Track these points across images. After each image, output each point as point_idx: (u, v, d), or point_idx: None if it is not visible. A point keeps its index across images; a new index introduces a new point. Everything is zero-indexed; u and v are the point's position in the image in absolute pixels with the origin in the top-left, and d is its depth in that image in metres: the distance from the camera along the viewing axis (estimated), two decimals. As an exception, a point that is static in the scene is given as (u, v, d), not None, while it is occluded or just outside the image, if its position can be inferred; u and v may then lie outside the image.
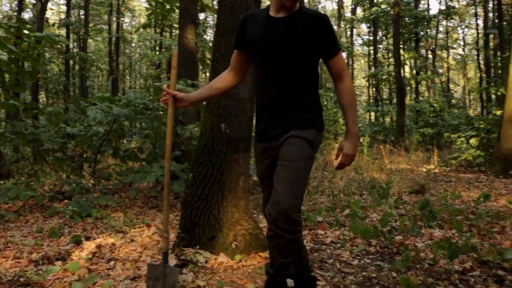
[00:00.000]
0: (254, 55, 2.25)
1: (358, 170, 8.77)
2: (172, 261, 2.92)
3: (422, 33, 23.44)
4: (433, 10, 63.96)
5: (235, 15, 3.23)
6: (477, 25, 30.48)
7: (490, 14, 24.45)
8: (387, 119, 26.54)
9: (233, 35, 3.20)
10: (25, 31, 5.95)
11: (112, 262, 3.15)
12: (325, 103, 16.79)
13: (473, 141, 10.24)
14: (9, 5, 36.73)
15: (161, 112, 6.34)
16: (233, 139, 3.12)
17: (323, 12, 2.19)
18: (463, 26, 36.76)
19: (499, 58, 15.28)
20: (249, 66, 2.40)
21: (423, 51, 27.52)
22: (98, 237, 4.01)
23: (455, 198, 5.73)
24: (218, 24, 3.40)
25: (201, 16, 20.05)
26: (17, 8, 22.20)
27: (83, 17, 27.63)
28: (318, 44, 2.15)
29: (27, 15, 29.56)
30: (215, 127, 3.15)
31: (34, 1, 27.24)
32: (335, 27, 40.84)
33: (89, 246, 3.69)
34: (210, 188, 3.10)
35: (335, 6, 42.94)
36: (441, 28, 32.88)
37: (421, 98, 24.70)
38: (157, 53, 23.01)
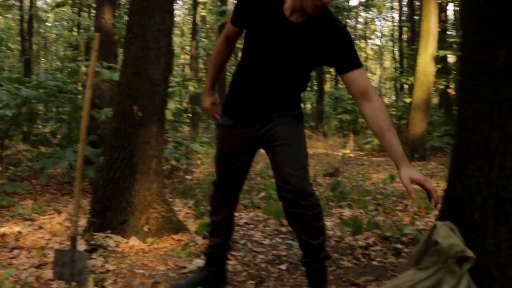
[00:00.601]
0: (253, 42, 2.05)
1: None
2: (82, 246, 2.84)
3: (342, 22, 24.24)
4: (353, 1, 66.36)
5: (148, -5, 3.15)
6: (393, 17, 32.15)
7: (405, 8, 25.84)
8: (308, 105, 27.32)
9: (146, 15, 3.15)
10: None
11: (16, 251, 3.00)
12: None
13: (385, 127, 10.84)
14: None
15: (78, 96, 6.07)
16: (145, 122, 3.07)
17: (340, 22, 1.97)
18: (380, 18, 38.60)
19: (410, 51, 16.26)
20: None
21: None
22: (3, 226, 3.80)
23: (365, 179, 6.07)
24: (132, 3, 3.30)
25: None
26: None
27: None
28: (334, 57, 1.95)
29: None
30: (127, 109, 3.08)
31: None
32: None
33: (-8, 235, 3.48)
34: (122, 171, 3.04)
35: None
36: (360, 19, 34.28)
37: (340, 86, 25.65)
38: (75, 34, 21.88)
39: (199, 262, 2.64)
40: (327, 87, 27.21)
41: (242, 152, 2.18)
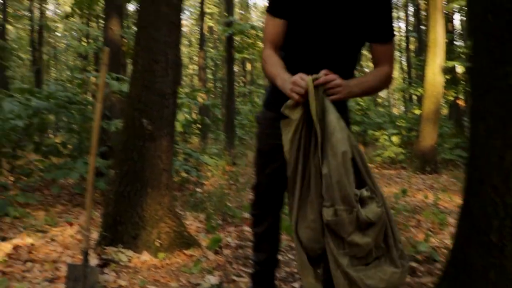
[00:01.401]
0: (299, 26, 1.87)
1: (287, 166, 8.96)
2: (93, 260, 2.85)
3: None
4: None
5: (156, 7, 3.18)
6: (400, 28, 32.13)
7: (411, 18, 25.86)
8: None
9: (153, 28, 3.17)
10: None
11: (29, 264, 3.02)
12: (256, 99, 16.95)
13: (394, 138, 10.83)
14: None
15: (87, 107, 6.13)
16: (155, 135, 3.09)
17: None
18: (388, 28, 38.48)
19: (417, 62, 16.23)
20: None
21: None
22: (15, 237, 3.82)
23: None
24: (139, 16, 3.34)
25: (131, 7, 19.51)
26: None
27: (1, 1, 25.93)
28: (372, 25, 1.85)
29: None
30: (137, 122, 3.10)
31: None
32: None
33: (5, 247, 3.50)
34: (132, 185, 3.06)
35: (267, 4, 43.39)
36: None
37: (348, 96, 25.57)
38: (84, 44, 22.10)
39: (211, 278, 2.63)
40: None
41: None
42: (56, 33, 36.08)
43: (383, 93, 39.46)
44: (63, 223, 4.34)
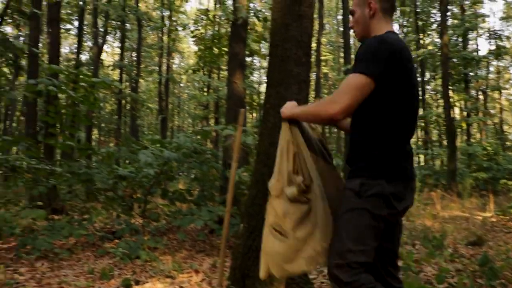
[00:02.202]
0: (401, 96, 2.01)
1: (409, 217, 8.48)
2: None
3: (471, 74, 22.95)
4: (483, 51, 62.70)
5: (285, 67, 3.27)
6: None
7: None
8: (438, 162, 25.76)
9: (283, 86, 3.24)
10: (83, 77, 6.28)
11: (161, 310, 3.15)
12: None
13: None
14: (68, 48, 39.07)
15: (211, 156, 6.45)
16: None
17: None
18: (515, 66, 35.69)
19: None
20: None
21: (473, 92, 26.85)
22: (147, 281, 4.05)
23: (516, 252, 5.39)
24: (268, 75, 3.45)
25: (248, 58, 20.57)
26: (75, 50, 23.59)
27: (135, 59, 28.92)
28: None
29: (84, 57, 31.31)
30: (266, 178, 3.14)
31: (91, 44, 28.86)
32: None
33: (139, 291, 3.72)
34: (260, 240, 3.06)
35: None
36: (491, 68, 32.10)
37: (472, 141, 23.91)
38: (205, 94, 23.62)
39: None
40: (458, 142, 25.53)
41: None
42: (180, 84, 39.20)
43: (512, 136, 36.21)
44: (189, 270, 4.51)
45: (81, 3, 20.41)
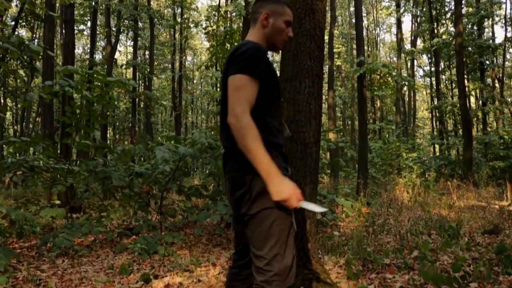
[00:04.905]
0: (274, 89, 2.00)
1: (425, 207, 8.45)
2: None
3: (487, 62, 22.62)
4: (499, 38, 61.53)
5: (298, 61, 3.30)
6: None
7: None
8: (453, 152, 25.50)
9: (297, 80, 3.28)
10: (98, 76, 6.36)
11: (180, 303, 3.21)
12: (387, 135, 16.42)
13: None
14: (81, 48, 39.53)
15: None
16: (298, 183, 3.14)
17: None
18: (532, 54, 35.07)
19: None
20: None
21: (489, 81, 26.47)
22: (166, 276, 4.12)
23: (533, 240, 5.36)
24: (282, 70, 3.48)
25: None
26: (89, 50, 23.86)
27: (148, 57, 29.12)
28: None
29: (97, 56, 31.63)
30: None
31: (104, 44, 29.14)
32: (395, 59, 40.43)
33: (158, 285, 3.79)
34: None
35: (394, 38, 42.62)
36: (508, 56, 31.60)
37: (489, 130, 23.61)
38: (218, 90, 23.69)
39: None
40: (474, 131, 25.20)
41: None
42: (194, 80, 39.38)
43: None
44: (206, 263, 4.57)
45: (93, 3, 20.61)
